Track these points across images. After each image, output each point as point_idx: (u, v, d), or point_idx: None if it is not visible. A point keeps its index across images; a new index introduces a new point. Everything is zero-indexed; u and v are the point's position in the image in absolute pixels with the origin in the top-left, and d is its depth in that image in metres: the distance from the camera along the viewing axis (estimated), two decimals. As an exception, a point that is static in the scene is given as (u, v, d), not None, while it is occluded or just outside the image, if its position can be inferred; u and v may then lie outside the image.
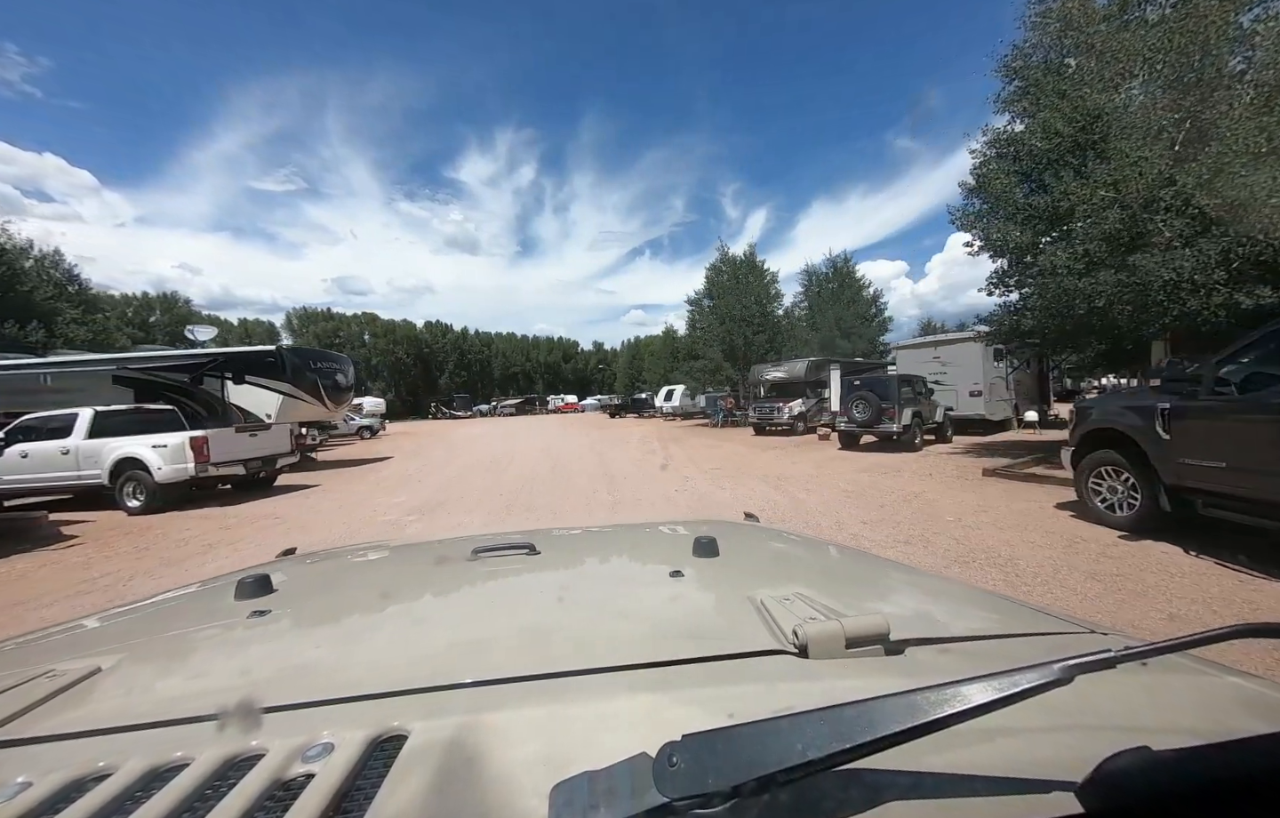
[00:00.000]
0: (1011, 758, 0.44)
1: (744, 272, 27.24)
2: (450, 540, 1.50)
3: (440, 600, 1.02)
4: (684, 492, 8.58)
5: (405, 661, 0.72)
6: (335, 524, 7.11)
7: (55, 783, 0.46)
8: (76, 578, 5.13)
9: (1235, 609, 3.33)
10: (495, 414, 63.29)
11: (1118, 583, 3.82)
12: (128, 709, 0.60)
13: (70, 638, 0.93)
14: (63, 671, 0.67)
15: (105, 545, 6.49)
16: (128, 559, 5.80)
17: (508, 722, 0.52)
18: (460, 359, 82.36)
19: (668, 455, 14.22)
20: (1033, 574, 4.08)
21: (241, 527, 7.21)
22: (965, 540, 5.06)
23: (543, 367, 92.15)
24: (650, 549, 1.44)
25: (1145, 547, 4.55)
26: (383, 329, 76.72)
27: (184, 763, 0.48)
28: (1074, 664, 0.40)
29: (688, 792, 0.34)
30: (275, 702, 0.57)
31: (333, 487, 10.87)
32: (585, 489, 9.09)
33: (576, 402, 69.09)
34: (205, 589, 1.19)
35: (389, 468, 14.16)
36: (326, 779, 0.44)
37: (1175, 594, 3.59)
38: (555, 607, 0.91)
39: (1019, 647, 0.74)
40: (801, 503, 7.20)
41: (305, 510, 8.25)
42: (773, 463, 11.57)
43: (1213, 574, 3.89)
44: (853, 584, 1.11)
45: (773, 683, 0.58)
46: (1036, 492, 6.98)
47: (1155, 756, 0.38)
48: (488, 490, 9.34)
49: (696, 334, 27.78)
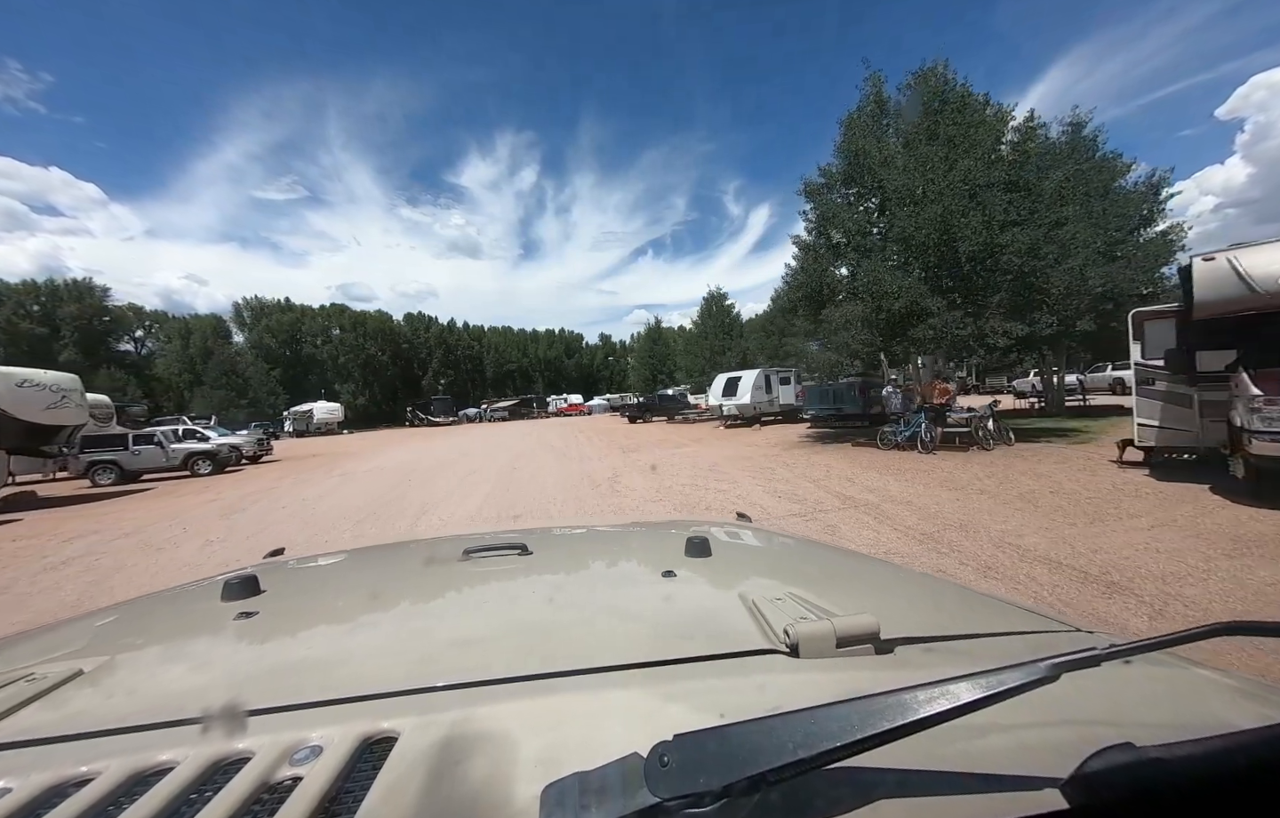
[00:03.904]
0: (999, 755, 0.44)
1: (955, 98, 11.36)
2: (441, 540, 1.58)
3: (431, 601, 1.00)
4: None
5: (395, 662, 0.70)
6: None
7: (35, 788, 0.44)
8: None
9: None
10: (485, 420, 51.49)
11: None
12: (110, 712, 0.57)
13: (51, 640, 0.91)
14: (42, 673, 0.65)
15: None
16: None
17: (499, 723, 0.51)
18: (446, 356, 70.65)
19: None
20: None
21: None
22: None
23: (542, 363, 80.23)
24: (642, 550, 1.41)
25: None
26: (352, 322, 65.06)
27: (168, 767, 0.46)
28: (1059, 662, 0.40)
29: (679, 791, 0.34)
30: (262, 704, 0.55)
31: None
32: None
33: (582, 402, 57.39)
34: (191, 590, 1.16)
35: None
36: (315, 782, 0.43)
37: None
38: (547, 607, 0.90)
39: (1006, 645, 0.74)
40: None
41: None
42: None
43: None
44: (843, 584, 1.11)
45: (764, 683, 0.58)
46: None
47: (1139, 751, 0.38)
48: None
49: (806, 274, 13.68)
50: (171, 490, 12.91)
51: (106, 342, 52.86)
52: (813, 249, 13.11)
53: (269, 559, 1.46)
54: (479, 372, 74.20)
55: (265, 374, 54.36)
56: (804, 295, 13.45)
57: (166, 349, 56.42)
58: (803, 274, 13.20)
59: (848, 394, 17.10)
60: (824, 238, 12.88)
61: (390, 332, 66.93)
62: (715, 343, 26.79)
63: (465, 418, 52.23)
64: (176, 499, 11.26)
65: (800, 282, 13.37)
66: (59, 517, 9.92)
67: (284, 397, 53.13)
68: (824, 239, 12.87)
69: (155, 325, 60.04)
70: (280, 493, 10.97)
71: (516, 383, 75.54)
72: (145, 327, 59.92)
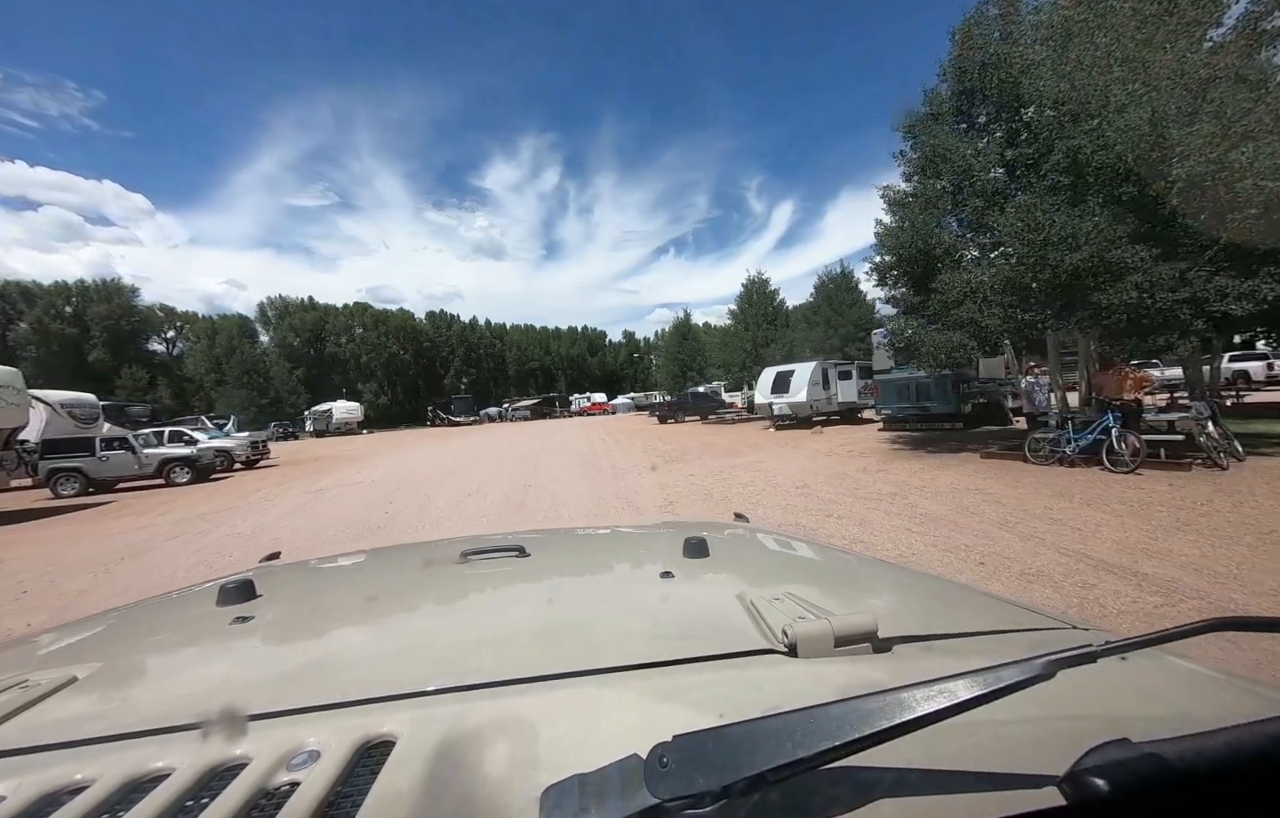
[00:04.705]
0: (996, 752, 0.44)
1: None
2: (439, 543, 1.52)
3: (428, 604, 0.99)
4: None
5: (393, 665, 0.69)
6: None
7: (29, 796, 0.44)
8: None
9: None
10: (507, 419, 49.44)
11: None
12: (106, 719, 0.56)
13: (45, 647, 0.88)
14: (36, 681, 0.64)
15: None
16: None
17: (497, 725, 0.50)
18: (468, 355, 69.08)
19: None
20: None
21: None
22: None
23: (565, 361, 77.97)
24: (640, 551, 1.41)
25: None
26: (374, 320, 64.00)
27: (164, 773, 0.46)
28: (1056, 659, 0.40)
29: (678, 792, 0.34)
30: (259, 709, 0.54)
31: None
32: None
33: (605, 401, 54.74)
34: (186, 595, 1.15)
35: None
36: (312, 788, 0.43)
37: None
38: (545, 609, 0.89)
39: (1003, 643, 0.73)
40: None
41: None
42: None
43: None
44: (841, 583, 1.10)
45: (762, 682, 0.57)
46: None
47: (1135, 747, 0.39)
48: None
49: (906, 234, 9.93)
50: (125, 507, 10.74)
51: (135, 341, 52.96)
52: (918, 199, 9.98)
53: (265, 563, 1.43)
54: (501, 370, 72.43)
55: (287, 373, 53.57)
56: (901, 261, 10.28)
57: (194, 349, 56.35)
58: (902, 233, 9.98)
59: (936, 390, 13.87)
60: (933, 180, 9.74)
61: (412, 330, 65.69)
62: (758, 334, 23.61)
63: (486, 417, 50.28)
64: (94, 525, 8.96)
65: (897, 242, 10.19)
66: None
67: (305, 396, 52.25)
68: (935, 180, 9.68)
69: (185, 326, 60.30)
70: (234, 516, 8.58)
71: (539, 381, 73.46)
72: (176, 327, 60.27)
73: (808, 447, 12.82)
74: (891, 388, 14.82)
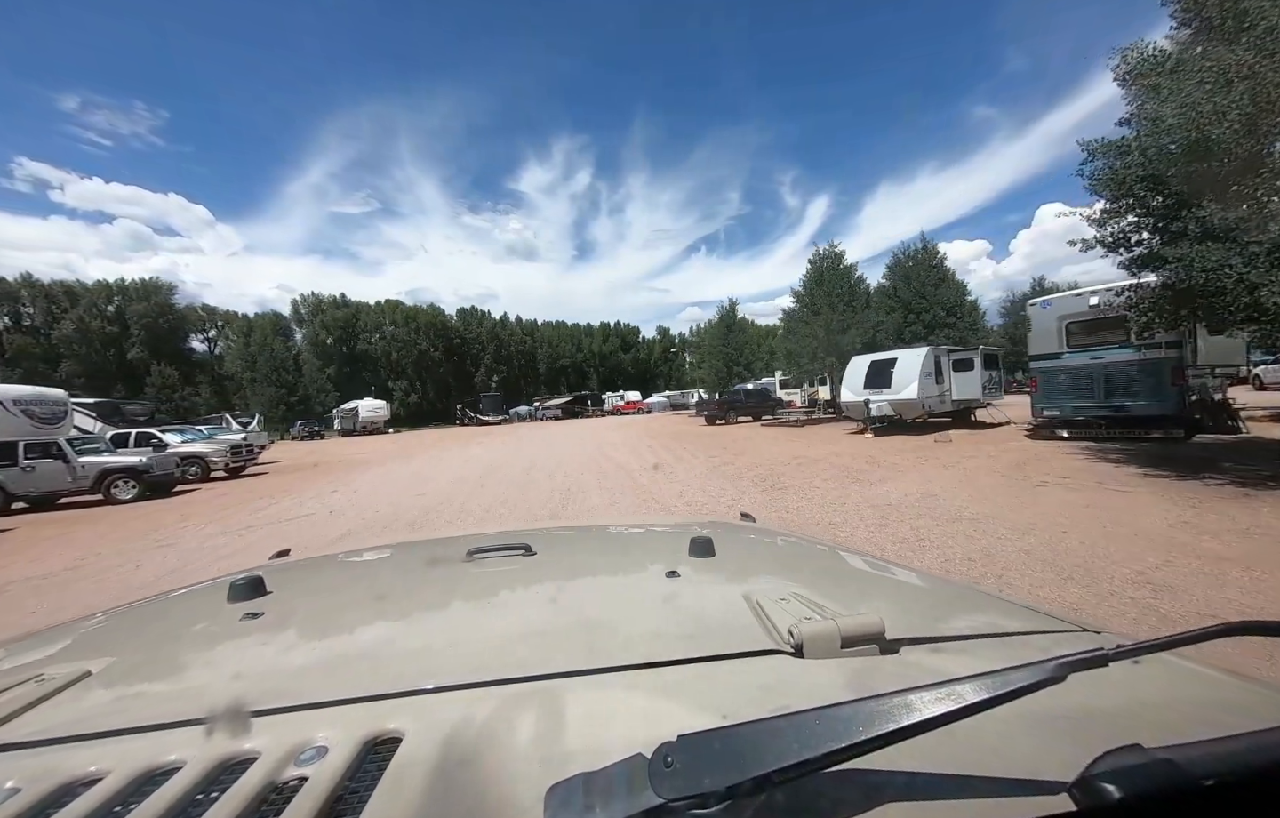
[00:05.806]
0: (1005, 756, 0.44)
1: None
2: (445, 540, 1.54)
3: (435, 601, 0.99)
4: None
5: (400, 662, 0.69)
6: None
7: (45, 788, 0.45)
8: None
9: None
10: (536, 418, 46.60)
11: None
12: (118, 713, 0.58)
13: (59, 641, 0.89)
14: (51, 674, 0.65)
15: None
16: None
17: (503, 723, 0.51)
18: (498, 351, 66.85)
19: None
20: None
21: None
22: None
23: (597, 358, 74.79)
24: (647, 549, 1.41)
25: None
26: (405, 317, 62.54)
27: (176, 767, 0.46)
28: (1067, 663, 0.40)
29: (684, 793, 0.34)
30: (268, 705, 0.55)
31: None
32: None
33: (640, 400, 51.11)
34: (197, 591, 1.16)
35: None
36: (320, 783, 0.43)
37: None
38: (551, 607, 0.90)
39: (1012, 646, 0.72)
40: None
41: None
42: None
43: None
44: (848, 584, 1.10)
45: (768, 683, 0.57)
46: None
47: (1148, 753, 0.38)
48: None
49: (1186, 113, 5.71)
50: (34, 536, 7.87)
51: (173, 339, 53.10)
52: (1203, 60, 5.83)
53: (275, 560, 1.44)
54: (532, 367, 69.86)
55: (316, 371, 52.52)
56: (1150, 176, 6.20)
57: (231, 347, 56.27)
58: (1183, 114, 5.82)
59: (1143, 380, 9.45)
60: (1233, 24, 5.60)
61: (443, 326, 63.89)
62: (830, 319, 19.40)
63: (516, 416, 47.52)
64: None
65: (1161, 130, 6.02)
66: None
67: (334, 394, 51.02)
68: (1233, 23, 5.58)
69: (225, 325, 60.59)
70: (125, 567, 5.41)
71: (570, 379, 70.55)
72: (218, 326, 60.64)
73: (963, 465, 8.63)
74: (1063, 379, 10.44)
